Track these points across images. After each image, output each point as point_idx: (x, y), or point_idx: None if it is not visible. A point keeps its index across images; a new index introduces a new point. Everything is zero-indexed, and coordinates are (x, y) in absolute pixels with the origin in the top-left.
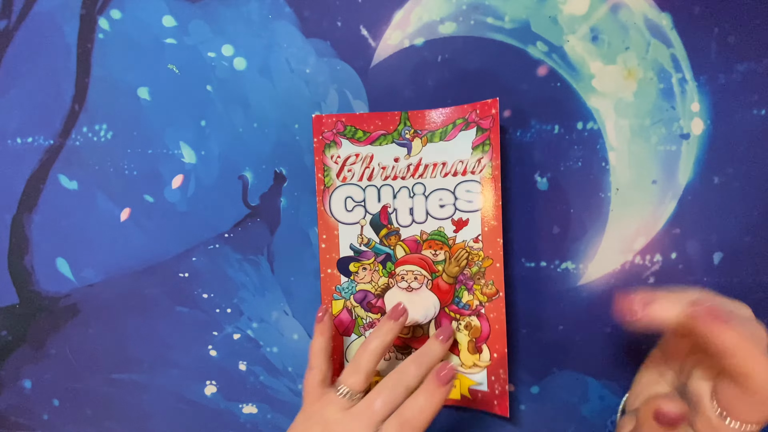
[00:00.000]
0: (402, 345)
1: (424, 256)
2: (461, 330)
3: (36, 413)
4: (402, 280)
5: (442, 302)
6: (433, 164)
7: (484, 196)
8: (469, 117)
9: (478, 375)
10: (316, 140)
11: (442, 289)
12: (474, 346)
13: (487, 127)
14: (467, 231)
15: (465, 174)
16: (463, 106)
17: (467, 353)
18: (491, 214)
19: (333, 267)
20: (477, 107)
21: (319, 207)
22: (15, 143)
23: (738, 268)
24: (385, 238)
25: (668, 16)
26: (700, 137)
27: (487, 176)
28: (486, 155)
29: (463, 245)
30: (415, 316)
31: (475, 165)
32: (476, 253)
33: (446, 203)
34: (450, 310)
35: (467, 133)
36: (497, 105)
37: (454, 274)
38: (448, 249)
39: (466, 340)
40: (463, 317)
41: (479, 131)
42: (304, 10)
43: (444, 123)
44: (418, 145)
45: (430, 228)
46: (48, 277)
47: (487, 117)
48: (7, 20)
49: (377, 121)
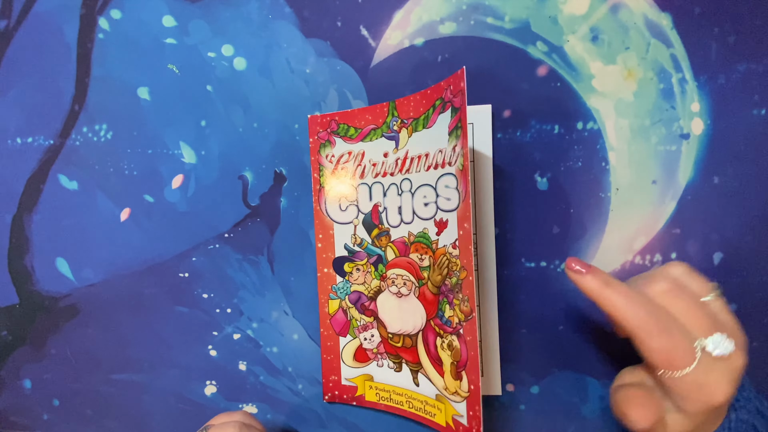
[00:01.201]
0: (394, 353)
1: (412, 260)
2: (445, 349)
3: (36, 413)
4: (392, 284)
5: (428, 313)
6: (418, 156)
7: (459, 193)
8: (445, 95)
9: (460, 405)
10: (311, 140)
11: (428, 298)
12: (455, 371)
13: (458, 105)
14: (447, 234)
15: (444, 166)
16: (439, 83)
17: (450, 377)
18: (464, 215)
19: (329, 266)
20: (450, 82)
21: (315, 207)
22: (15, 143)
23: (738, 268)
24: (376, 238)
25: (668, 16)
26: (700, 137)
27: (459, 168)
28: (458, 142)
29: (444, 251)
30: (407, 326)
31: (451, 154)
32: (454, 261)
33: (429, 201)
34: (435, 323)
35: (444, 115)
36: (464, 75)
37: (437, 282)
38: (432, 254)
39: (449, 361)
40: (446, 334)
41: (453, 112)
42: (304, 10)
43: (426, 106)
44: (405, 136)
45: (416, 229)
46: (48, 277)
47: (458, 93)
48: (7, 20)
49: (368, 115)
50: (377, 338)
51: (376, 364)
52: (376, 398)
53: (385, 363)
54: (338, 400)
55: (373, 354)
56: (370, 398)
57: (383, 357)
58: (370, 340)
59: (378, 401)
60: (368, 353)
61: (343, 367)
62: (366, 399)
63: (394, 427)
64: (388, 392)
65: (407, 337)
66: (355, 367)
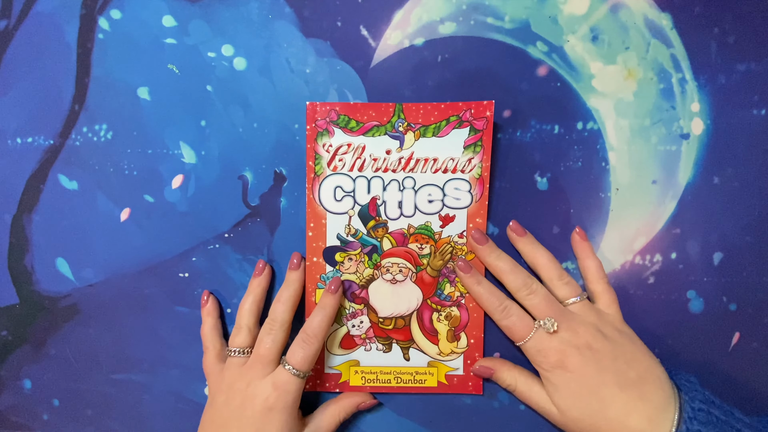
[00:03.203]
0: (384, 336)
1: (410, 249)
2: (442, 320)
3: (36, 413)
4: (387, 272)
5: (424, 294)
6: (425, 159)
7: (472, 195)
8: (463, 115)
9: (455, 361)
10: (309, 128)
11: (426, 281)
12: (452, 335)
13: (480, 128)
14: (453, 226)
15: (455, 172)
16: (458, 103)
17: (446, 341)
18: (477, 211)
19: (319, 256)
20: (472, 107)
21: (308, 195)
22: (15, 143)
23: (738, 268)
24: (372, 229)
25: (668, 16)
26: (700, 137)
27: (476, 176)
28: (477, 156)
29: (448, 240)
30: (399, 308)
31: (465, 164)
32: (460, 248)
33: (435, 199)
34: (432, 301)
35: (460, 131)
36: (492, 108)
37: (438, 267)
38: (433, 243)
39: (445, 329)
40: (444, 308)
41: (472, 131)
42: (304, 10)
43: (438, 118)
44: (411, 138)
45: (417, 222)
46: (48, 277)
47: (481, 118)
48: (7, 20)
49: (371, 111)
50: (366, 324)
51: (364, 349)
52: (362, 382)
53: (373, 346)
54: (320, 388)
55: (361, 339)
56: (355, 383)
57: (372, 341)
58: (359, 326)
59: (363, 384)
60: (356, 339)
61: (328, 355)
62: (350, 384)
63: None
64: (374, 374)
65: (399, 318)
66: (340, 354)
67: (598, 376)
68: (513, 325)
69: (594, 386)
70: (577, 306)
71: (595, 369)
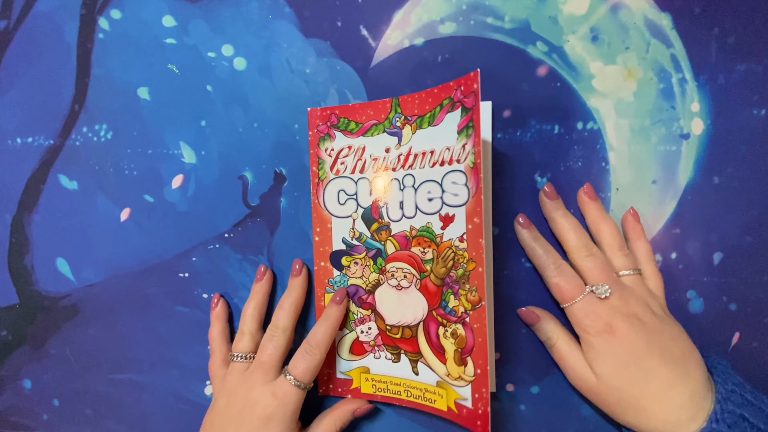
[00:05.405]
0: (392, 345)
1: (413, 253)
2: (448, 338)
3: (36, 413)
4: (392, 277)
5: (430, 304)
6: (422, 153)
7: (468, 189)
8: (455, 95)
9: (463, 389)
10: (311, 133)
11: (431, 290)
12: (460, 357)
13: (470, 105)
14: (453, 228)
15: (451, 163)
16: (448, 83)
17: (453, 364)
18: (474, 209)
19: (326, 260)
20: (461, 83)
21: (313, 200)
22: (15, 143)
23: (738, 268)
24: (376, 232)
25: (668, 16)
26: (700, 137)
27: (470, 165)
28: (470, 140)
29: (450, 244)
30: (406, 317)
31: (460, 152)
32: (461, 254)
33: (434, 196)
34: (437, 314)
35: (453, 114)
36: (478, 78)
37: (441, 275)
38: (435, 247)
39: (452, 349)
40: (449, 324)
41: (464, 111)
42: (304, 10)
43: (432, 105)
44: (408, 132)
45: (419, 223)
46: (48, 277)
47: (470, 94)
48: (7, 20)
49: (369, 110)
50: (375, 330)
51: (373, 356)
52: (372, 390)
53: (382, 355)
54: (333, 393)
55: (370, 346)
56: (366, 390)
57: (381, 349)
58: (367, 332)
59: (374, 393)
60: (365, 346)
61: (339, 360)
62: (362, 391)
63: (395, 426)
64: (385, 383)
65: (407, 328)
66: (351, 360)
67: (645, 346)
68: (565, 284)
69: (639, 356)
70: (630, 278)
71: (643, 339)
